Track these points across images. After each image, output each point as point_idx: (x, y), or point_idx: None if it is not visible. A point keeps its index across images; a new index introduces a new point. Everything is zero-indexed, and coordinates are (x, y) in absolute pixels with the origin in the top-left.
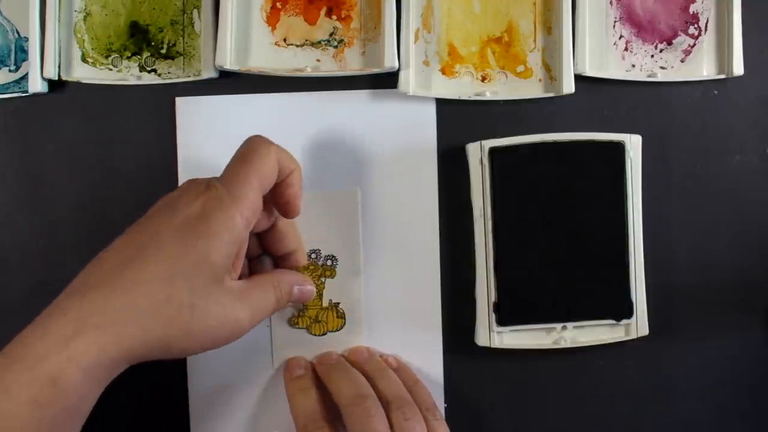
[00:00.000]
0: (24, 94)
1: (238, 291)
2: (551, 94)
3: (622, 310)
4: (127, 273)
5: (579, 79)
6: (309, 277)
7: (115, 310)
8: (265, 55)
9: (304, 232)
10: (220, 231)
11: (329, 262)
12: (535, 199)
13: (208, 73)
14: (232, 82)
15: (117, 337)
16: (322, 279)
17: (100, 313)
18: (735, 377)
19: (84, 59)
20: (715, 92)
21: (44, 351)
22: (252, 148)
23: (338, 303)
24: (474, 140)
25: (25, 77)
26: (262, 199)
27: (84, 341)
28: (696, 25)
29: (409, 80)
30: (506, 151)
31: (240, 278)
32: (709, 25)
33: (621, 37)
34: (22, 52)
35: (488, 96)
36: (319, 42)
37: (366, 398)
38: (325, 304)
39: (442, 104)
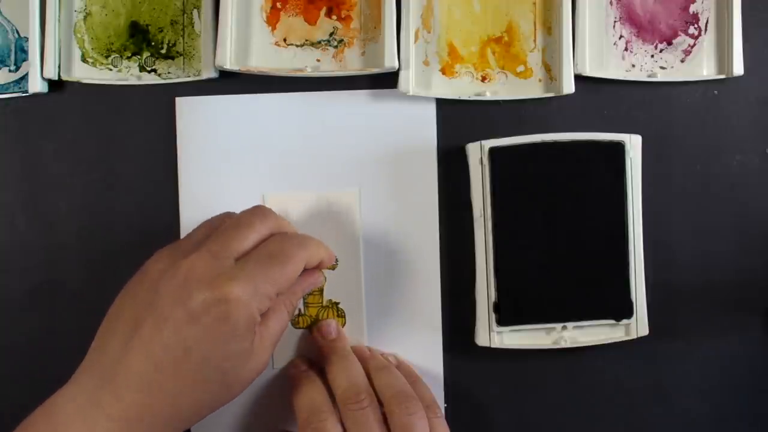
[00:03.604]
0: (24, 94)
1: (261, 338)
2: (551, 94)
3: (622, 310)
4: (162, 378)
5: (579, 79)
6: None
7: (159, 414)
8: (265, 55)
9: (304, 232)
10: (244, 330)
11: None
12: (535, 199)
13: (208, 73)
14: (232, 82)
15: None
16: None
17: (144, 419)
18: (735, 377)
19: (84, 59)
20: (715, 92)
21: None
22: (286, 253)
23: (338, 302)
24: (474, 140)
25: (25, 77)
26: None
27: None
28: (696, 25)
29: (409, 80)
30: (506, 151)
31: None
32: (709, 25)
33: (621, 37)
34: (22, 52)
35: (488, 96)
36: (319, 42)
37: (360, 391)
38: (325, 303)
39: (442, 104)
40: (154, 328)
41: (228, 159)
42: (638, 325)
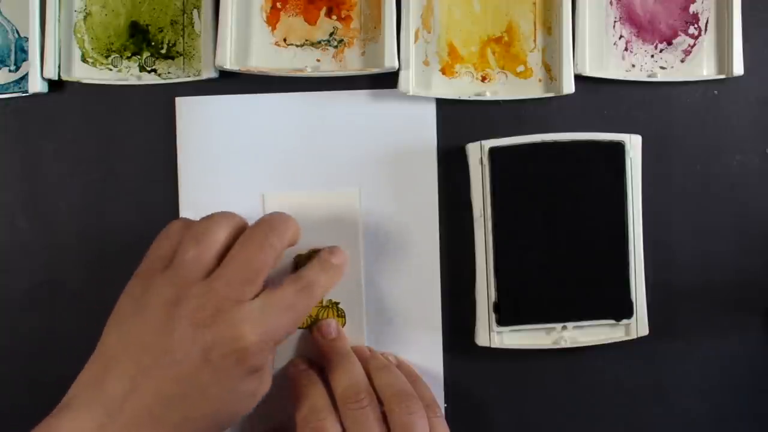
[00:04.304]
0: (24, 94)
1: (265, 371)
2: (551, 94)
3: (622, 310)
4: (170, 413)
5: (579, 79)
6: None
7: None
8: (265, 55)
9: (304, 232)
10: (255, 372)
11: None
12: (535, 199)
13: (208, 73)
14: (232, 82)
15: None
16: None
17: None
18: (735, 377)
19: (84, 59)
20: (715, 92)
21: None
22: (300, 309)
23: (338, 302)
24: (474, 140)
25: (25, 77)
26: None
27: None
28: (696, 25)
29: (409, 80)
30: (506, 151)
31: None
32: (709, 25)
33: (621, 37)
34: (22, 52)
35: (488, 96)
36: (319, 42)
37: (359, 390)
38: (325, 303)
39: (442, 104)
40: (165, 368)
41: (228, 159)
42: (638, 325)
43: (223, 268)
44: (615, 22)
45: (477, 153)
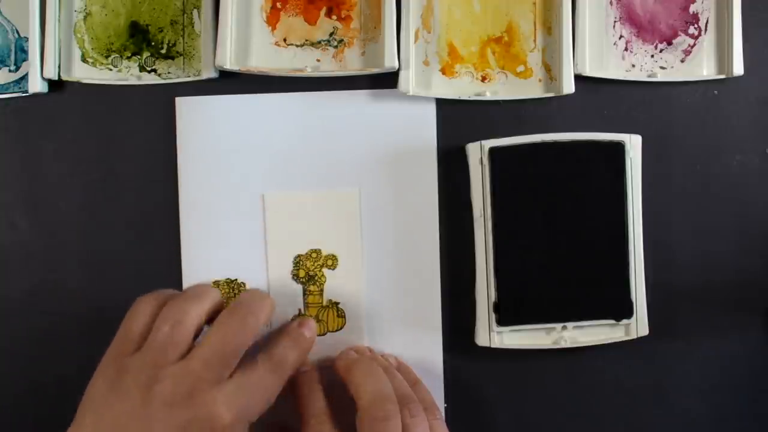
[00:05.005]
0: (24, 94)
1: None
2: (551, 94)
3: (622, 310)
4: None
5: (579, 79)
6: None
7: None
8: (265, 55)
9: (304, 232)
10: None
11: (329, 262)
12: (535, 199)
13: (208, 73)
14: (232, 82)
15: None
16: (324, 269)
17: None
18: (735, 377)
19: (84, 59)
20: (715, 92)
21: None
22: (273, 391)
23: (338, 303)
24: (474, 140)
25: (25, 77)
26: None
27: None
28: (696, 25)
29: (409, 80)
30: (506, 151)
31: None
32: (709, 25)
33: (621, 37)
34: (22, 52)
35: (488, 96)
36: (319, 42)
37: (386, 400)
38: (325, 303)
39: (442, 104)
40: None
41: (228, 159)
42: (638, 325)
43: (200, 348)
44: (615, 22)
45: (477, 153)
